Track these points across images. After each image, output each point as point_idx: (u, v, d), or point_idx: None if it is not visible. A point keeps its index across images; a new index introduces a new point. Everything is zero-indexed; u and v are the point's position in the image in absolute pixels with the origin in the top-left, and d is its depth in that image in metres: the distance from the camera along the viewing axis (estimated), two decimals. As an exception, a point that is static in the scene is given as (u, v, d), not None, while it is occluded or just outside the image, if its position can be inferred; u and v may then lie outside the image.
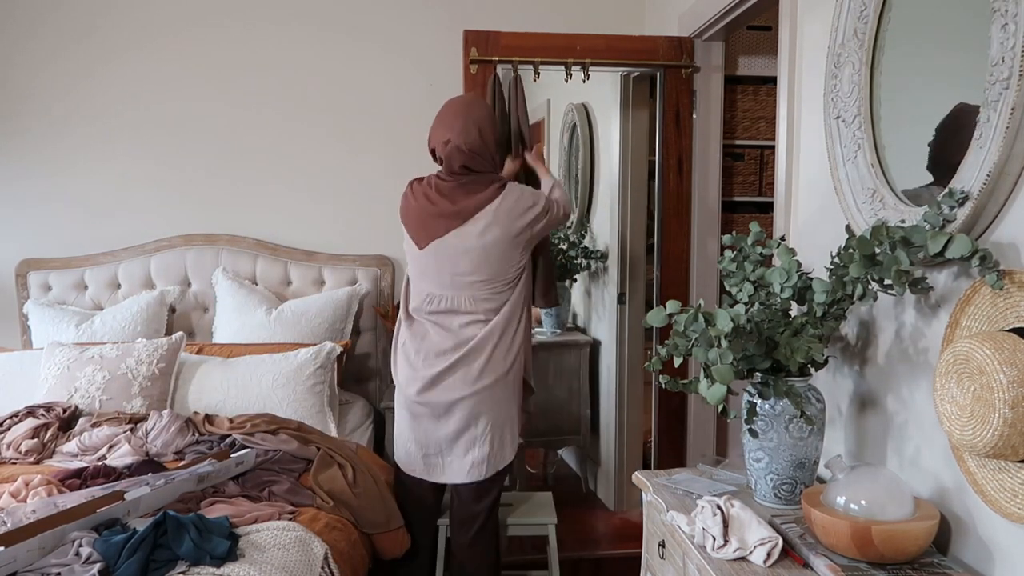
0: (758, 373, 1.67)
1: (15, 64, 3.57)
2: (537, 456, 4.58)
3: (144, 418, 2.87)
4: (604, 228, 4.03)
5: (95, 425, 2.80)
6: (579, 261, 4.16)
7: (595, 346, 4.09)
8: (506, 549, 3.27)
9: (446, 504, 2.74)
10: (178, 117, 3.61)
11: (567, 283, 4.30)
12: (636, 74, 3.19)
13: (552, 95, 4.80)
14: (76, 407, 2.94)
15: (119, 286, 3.60)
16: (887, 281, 1.47)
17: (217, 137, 3.63)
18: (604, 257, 4.00)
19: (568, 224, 4.45)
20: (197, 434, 2.77)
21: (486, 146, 2.54)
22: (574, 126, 4.44)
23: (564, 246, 4.19)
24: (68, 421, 2.89)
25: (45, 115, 3.59)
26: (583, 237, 4.30)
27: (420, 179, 2.65)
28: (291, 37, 3.60)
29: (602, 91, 3.88)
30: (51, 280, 3.59)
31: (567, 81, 3.11)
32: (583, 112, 4.32)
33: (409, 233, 2.60)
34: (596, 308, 4.17)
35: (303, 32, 3.60)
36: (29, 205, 3.63)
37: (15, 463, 2.65)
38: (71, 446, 2.69)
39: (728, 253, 1.80)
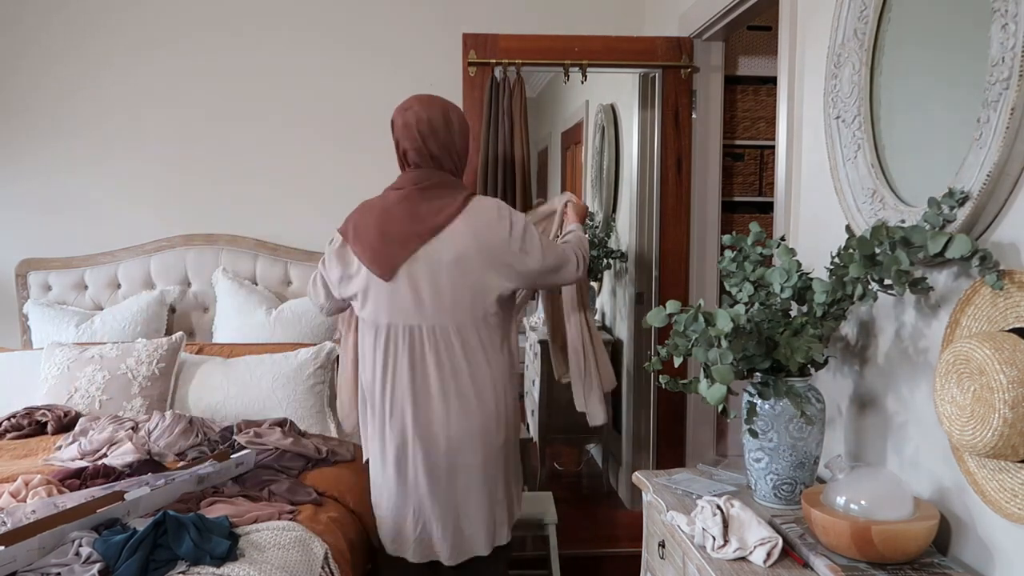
0: (758, 373, 1.67)
1: (17, 66, 3.57)
2: (567, 454, 4.63)
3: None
4: (626, 227, 4.06)
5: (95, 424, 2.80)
6: (602, 261, 4.19)
7: (618, 345, 4.11)
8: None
9: None
10: (178, 118, 3.61)
11: (593, 283, 4.33)
12: (654, 74, 3.19)
13: (591, 96, 4.82)
14: (76, 412, 2.94)
15: (119, 286, 3.60)
16: (887, 281, 1.47)
17: (217, 138, 3.63)
18: (625, 257, 4.02)
19: (594, 224, 4.49)
20: (201, 435, 2.76)
21: (453, 138, 2.19)
22: (604, 127, 4.46)
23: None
24: (68, 425, 2.89)
25: (46, 116, 3.59)
26: (608, 237, 4.32)
27: (355, 215, 2.26)
28: (290, 39, 3.60)
29: (627, 91, 3.89)
30: (51, 280, 3.59)
31: (565, 82, 3.12)
32: (610, 113, 4.34)
33: (367, 264, 2.16)
34: (619, 308, 4.20)
35: (302, 34, 3.60)
36: (29, 205, 3.63)
37: (14, 463, 2.65)
38: (72, 447, 2.69)
39: (728, 253, 1.80)
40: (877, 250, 1.47)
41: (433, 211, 2.14)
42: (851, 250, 1.51)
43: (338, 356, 3.21)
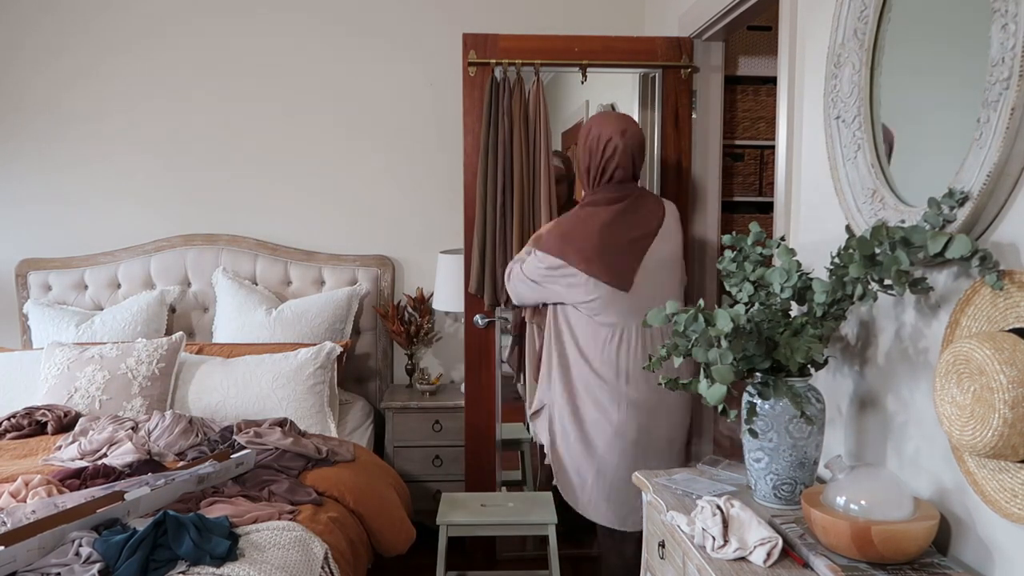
0: (758, 373, 1.67)
1: (14, 63, 3.57)
2: None
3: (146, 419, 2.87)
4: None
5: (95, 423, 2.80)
6: None
7: None
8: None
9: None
10: (178, 117, 3.61)
11: None
12: (654, 74, 3.19)
13: (591, 96, 4.81)
14: (76, 412, 2.94)
15: (119, 286, 3.60)
16: (887, 281, 1.47)
17: (217, 137, 3.63)
18: None
19: None
20: (201, 435, 2.76)
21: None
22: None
23: None
24: (68, 425, 2.89)
25: (45, 115, 3.60)
26: None
27: (563, 219, 2.45)
28: (292, 38, 3.60)
29: (627, 91, 3.87)
30: (51, 280, 3.59)
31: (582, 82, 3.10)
32: None
33: (603, 279, 2.37)
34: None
35: (304, 33, 3.60)
36: (29, 205, 3.63)
37: (14, 463, 2.65)
38: (72, 447, 2.69)
39: (728, 253, 1.79)
40: (877, 250, 1.47)
41: (651, 215, 2.45)
42: (851, 250, 1.51)
43: (340, 356, 3.23)
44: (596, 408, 2.44)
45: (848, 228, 1.68)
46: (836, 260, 1.58)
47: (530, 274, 2.50)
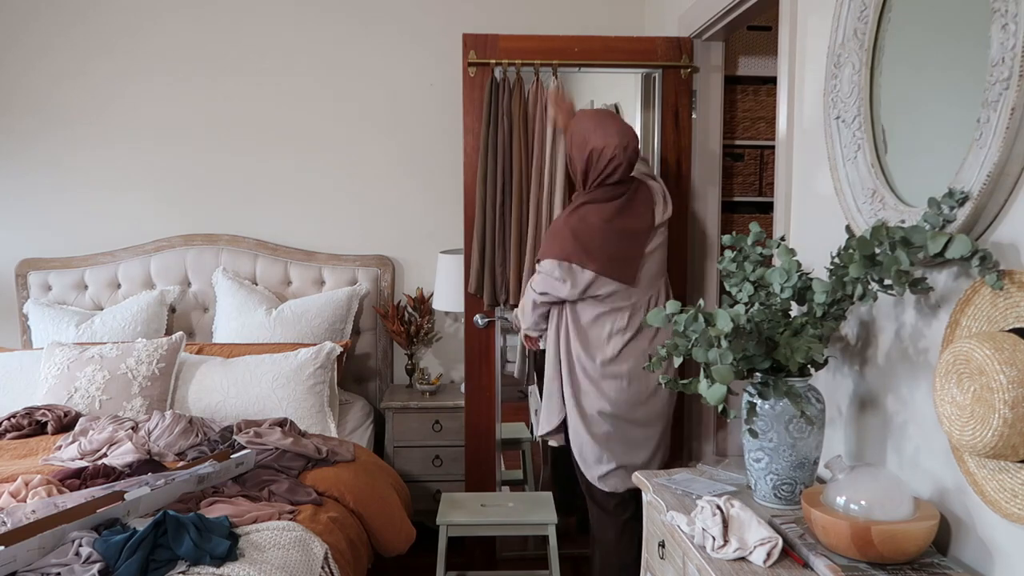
0: (758, 373, 1.67)
1: (12, 62, 3.57)
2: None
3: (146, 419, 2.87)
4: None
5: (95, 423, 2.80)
6: None
7: None
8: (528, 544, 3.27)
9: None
10: (178, 116, 3.61)
11: None
12: (655, 74, 3.19)
13: (595, 96, 4.82)
14: (76, 412, 2.94)
15: (119, 286, 3.60)
16: (887, 281, 1.47)
17: (217, 137, 3.63)
18: None
19: None
20: (201, 435, 2.76)
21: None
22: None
23: None
24: (68, 425, 2.89)
25: (43, 114, 3.60)
26: None
27: (571, 217, 2.49)
28: (293, 37, 3.60)
29: (629, 91, 3.87)
30: (51, 280, 3.60)
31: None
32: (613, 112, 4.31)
33: (610, 276, 2.44)
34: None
35: (304, 32, 3.60)
36: (29, 205, 3.63)
37: (14, 463, 2.65)
38: (72, 447, 2.69)
39: (728, 253, 1.79)
40: (877, 250, 1.47)
41: (647, 210, 2.53)
42: (851, 250, 1.51)
43: (340, 356, 3.23)
44: (592, 387, 2.52)
45: (848, 228, 1.68)
46: (836, 260, 1.58)
47: (538, 288, 2.53)
